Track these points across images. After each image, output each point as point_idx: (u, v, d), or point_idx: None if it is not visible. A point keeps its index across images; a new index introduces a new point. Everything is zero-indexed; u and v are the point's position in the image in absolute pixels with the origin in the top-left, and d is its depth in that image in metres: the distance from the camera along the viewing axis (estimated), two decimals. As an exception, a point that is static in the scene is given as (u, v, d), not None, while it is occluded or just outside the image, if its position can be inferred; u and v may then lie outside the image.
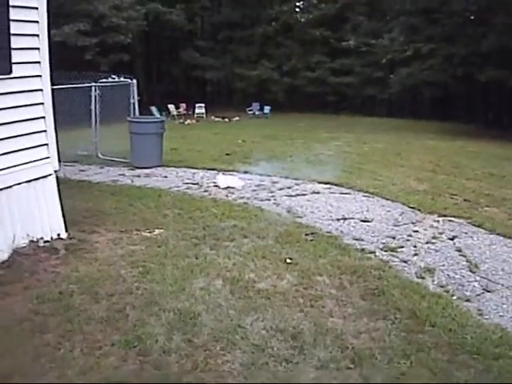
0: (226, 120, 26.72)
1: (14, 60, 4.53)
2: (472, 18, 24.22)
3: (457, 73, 24.51)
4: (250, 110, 29.40)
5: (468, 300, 4.42)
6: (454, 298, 4.47)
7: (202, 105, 28.24)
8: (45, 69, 4.97)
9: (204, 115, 27.80)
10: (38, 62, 4.89)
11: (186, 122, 25.18)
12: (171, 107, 26.69)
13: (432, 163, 11.28)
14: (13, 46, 4.46)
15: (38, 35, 4.75)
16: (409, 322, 3.89)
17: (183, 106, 27.61)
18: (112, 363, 3.21)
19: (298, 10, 35.32)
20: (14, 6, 4.35)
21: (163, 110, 25.19)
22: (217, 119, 26.89)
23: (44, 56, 4.91)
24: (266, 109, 29.17)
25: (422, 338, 3.66)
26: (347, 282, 4.63)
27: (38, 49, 4.82)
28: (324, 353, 3.43)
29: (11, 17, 4.35)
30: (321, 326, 3.79)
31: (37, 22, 4.69)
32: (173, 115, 26.17)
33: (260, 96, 31.29)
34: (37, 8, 4.64)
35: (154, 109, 23.87)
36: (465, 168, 10.78)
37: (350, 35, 31.43)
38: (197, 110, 27.94)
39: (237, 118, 27.22)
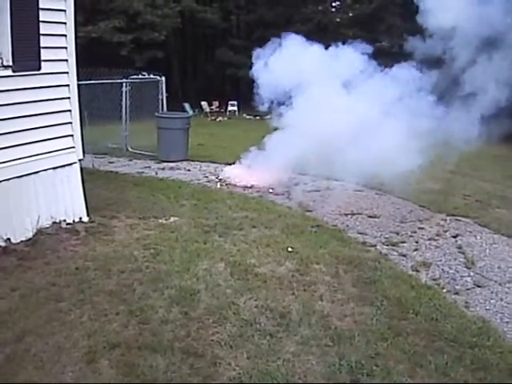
0: (258, 118, 26.97)
1: (43, 58, 5.00)
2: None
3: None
4: (281, 109, 29.57)
5: (457, 293, 4.62)
6: (444, 290, 4.67)
7: (235, 102, 28.47)
8: (72, 66, 5.42)
9: (236, 113, 28.11)
10: (66, 60, 5.34)
11: (217, 119, 25.55)
12: (204, 104, 27.06)
13: (452, 165, 11.26)
14: (42, 45, 4.92)
15: (65, 35, 5.21)
16: (393, 309, 4.13)
17: (216, 103, 27.97)
18: (114, 328, 3.62)
19: (333, 10, 35.18)
20: (43, 9, 4.80)
21: (196, 107, 25.62)
22: (248, 117, 27.13)
23: (71, 54, 5.36)
24: (297, 108, 29.17)
25: (403, 324, 3.91)
26: (342, 270, 4.90)
27: (66, 48, 5.27)
28: (307, 331, 3.74)
29: (41, 18, 4.81)
30: (309, 307, 4.10)
31: (64, 23, 5.14)
32: (205, 112, 26.57)
33: (293, 95, 31.26)
34: (64, 10, 5.09)
35: (187, 105, 24.27)
36: (485, 170, 10.77)
37: (384, 36, 31.18)
38: (229, 108, 28.18)
39: (269, 117, 27.39)
